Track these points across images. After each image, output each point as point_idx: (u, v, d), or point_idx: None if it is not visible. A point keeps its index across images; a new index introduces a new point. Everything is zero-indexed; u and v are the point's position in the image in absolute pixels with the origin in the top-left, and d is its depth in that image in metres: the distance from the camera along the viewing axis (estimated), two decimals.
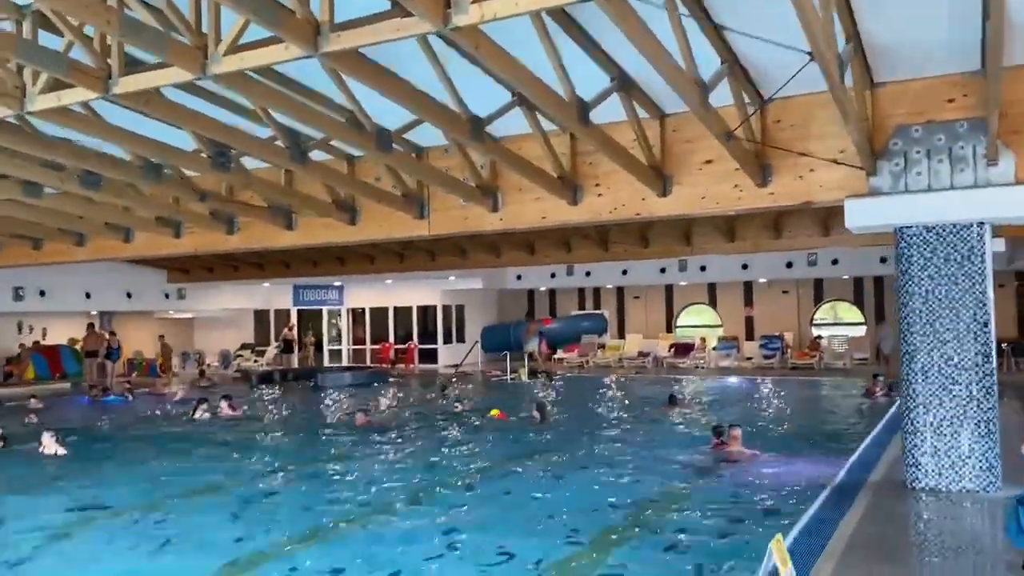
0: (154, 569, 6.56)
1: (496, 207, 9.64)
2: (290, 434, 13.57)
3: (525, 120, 8.06)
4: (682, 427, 13.54)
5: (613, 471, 9.84)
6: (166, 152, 8.33)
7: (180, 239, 11.47)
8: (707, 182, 8.62)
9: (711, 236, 19.53)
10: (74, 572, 6.40)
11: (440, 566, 6.44)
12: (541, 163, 8.89)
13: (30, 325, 25.86)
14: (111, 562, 6.71)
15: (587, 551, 6.74)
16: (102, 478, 10.08)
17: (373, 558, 6.59)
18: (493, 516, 7.89)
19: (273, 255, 23.02)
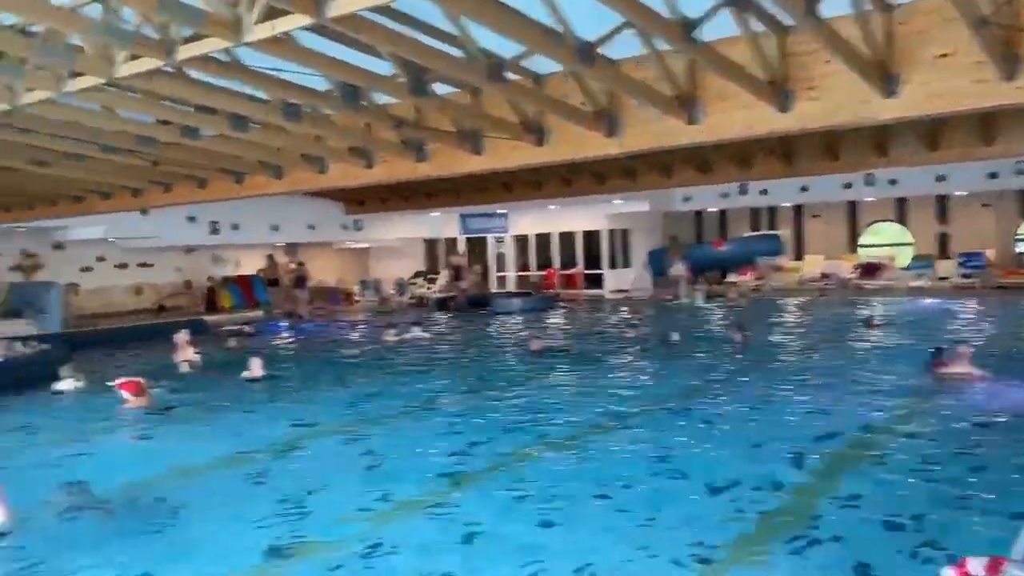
0: (379, 478, 6.80)
1: (695, 119, 9.05)
2: (476, 358, 13.83)
3: (731, 21, 7.41)
4: (888, 349, 12.68)
5: (825, 394, 9.31)
6: (365, 78, 8.35)
7: (372, 169, 11.66)
8: (942, 78, 7.67)
9: (911, 145, 17.84)
10: (305, 484, 6.70)
11: (655, 489, 6.25)
12: (747, 69, 8.21)
13: (224, 257, 27.78)
14: (337, 475, 7.01)
15: (816, 479, 6.38)
16: (313, 398, 10.62)
17: (599, 476, 6.52)
18: (705, 442, 7.63)
19: (443, 184, 23.31)
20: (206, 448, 8.16)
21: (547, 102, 9.53)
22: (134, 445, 8.67)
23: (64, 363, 13.18)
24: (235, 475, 7.17)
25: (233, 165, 12.62)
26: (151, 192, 14.55)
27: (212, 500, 6.45)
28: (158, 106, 9.57)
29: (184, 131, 10.37)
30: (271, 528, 5.70)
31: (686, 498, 6.00)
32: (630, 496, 6.06)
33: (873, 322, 14.99)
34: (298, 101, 9.27)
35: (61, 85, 8.13)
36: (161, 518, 5.99)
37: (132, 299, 25.17)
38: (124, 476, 7.04)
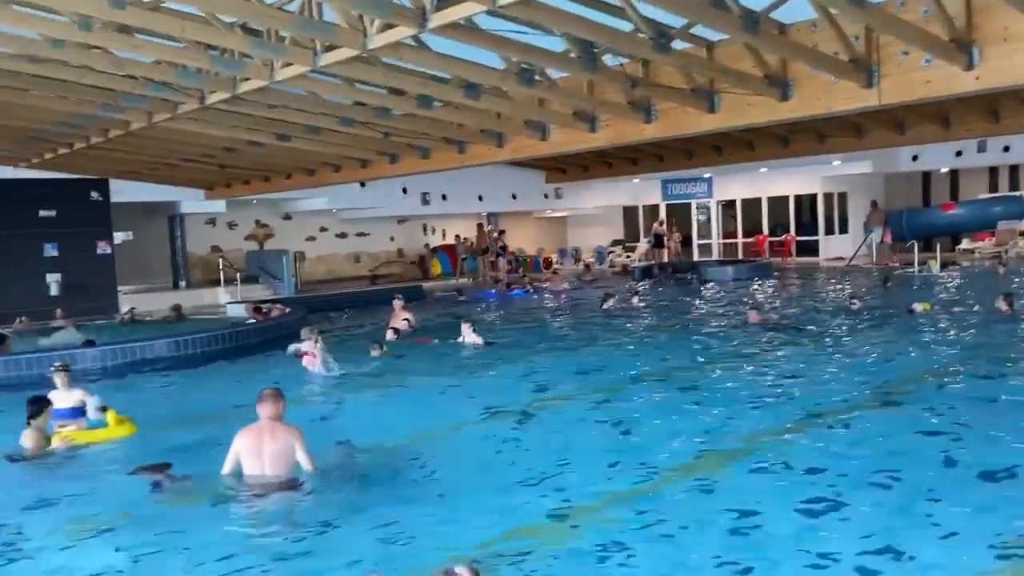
0: (632, 449, 6.59)
1: (971, 64, 8.01)
2: (694, 328, 13.33)
3: None
4: None
5: None
6: (607, 35, 8.05)
7: (595, 133, 11.43)
8: None
9: None
10: (558, 450, 6.61)
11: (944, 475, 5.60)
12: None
13: (432, 227, 28.81)
14: (587, 443, 6.87)
15: None
16: (537, 366, 10.56)
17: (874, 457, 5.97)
18: (990, 421, 6.81)
19: (648, 148, 22.71)
20: (443, 411, 8.32)
21: (794, 50, 8.81)
22: (374, 407, 8.89)
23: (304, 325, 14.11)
24: (483, 438, 7.21)
25: (457, 134, 12.80)
26: (377, 163, 15.14)
27: (465, 463, 6.50)
28: (396, 77, 9.77)
29: (419, 101, 10.57)
30: (535, 490, 5.64)
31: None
32: (918, 478, 5.48)
33: None
34: (531, 64, 9.17)
35: (316, 60, 8.46)
36: (423, 479, 6.09)
37: (351, 266, 26.70)
38: (373, 437, 7.21)
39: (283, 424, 5.63)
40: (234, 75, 9.67)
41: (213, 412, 8.40)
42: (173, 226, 21.93)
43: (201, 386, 10.37)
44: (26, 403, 7.13)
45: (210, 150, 14.96)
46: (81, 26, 7.89)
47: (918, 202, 27.87)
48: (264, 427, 5.51)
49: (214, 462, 5.90)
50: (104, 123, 12.80)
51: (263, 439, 5.46)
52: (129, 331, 15.50)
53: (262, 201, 22.91)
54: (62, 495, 5.97)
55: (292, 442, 5.56)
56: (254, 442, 5.45)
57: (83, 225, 18.78)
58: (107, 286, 18.89)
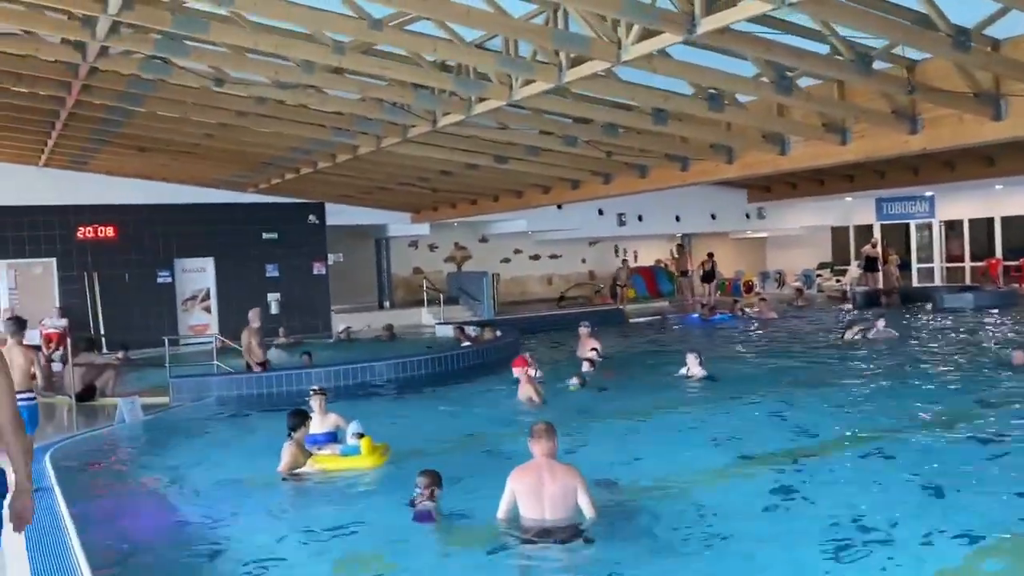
0: (945, 510, 5.59)
1: None
2: (954, 366, 11.78)
3: None
4: None
5: None
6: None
7: (846, 145, 10.38)
8: None
9: None
10: (854, 504, 5.74)
11: None
12: None
13: (624, 248, 28.18)
14: (890, 495, 5.94)
15: None
16: (781, 405, 9.54)
17: None
18: None
19: (867, 165, 20.98)
20: (691, 452, 7.58)
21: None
22: (611, 442, 8.19)
23: (517, 349, 13.88)
24: (756, 487, 6.43)
25: (680, 150, 12.10)
26: (590, 183, 14.75)
27: (747, 512, 5.77)
28: (631, 90, 9.24)
29: (654, 116, 10.01)
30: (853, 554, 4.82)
31: None
32: None
33: None
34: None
35: (561, 76, 8.08)
36: (709, 531, 5.41)
37: (543, 288, 26.54)
38: (627, 477, 6.63)
39: (561, 463, 5.15)
40: (471, 95, 9.53)
41: (457, 439, 8.18)
42: (380, 248, 22.62)
43: (433, 410, 10.21)
44: (287, 416, 7.14)
45: (427, 173, 15.13)
46: (335, 49, 7.96)
47: None
48: (543, 466, 5.03)
49: (477, 496, 5.52)
50: (334, 148, 13.17)
51: (543, 480, 4.98)
52: (347, 349, 15.95)
53: (462, 224, 23.21)
54: (322, 524, 5.81)
55: (574, 484, 5.06)
56: (533, 483, 4.98)
57: (301, 247, 19.68)
58: (322, 306, 19.66)
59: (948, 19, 6.91)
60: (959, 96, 8.51)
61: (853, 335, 13.73)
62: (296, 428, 7.01)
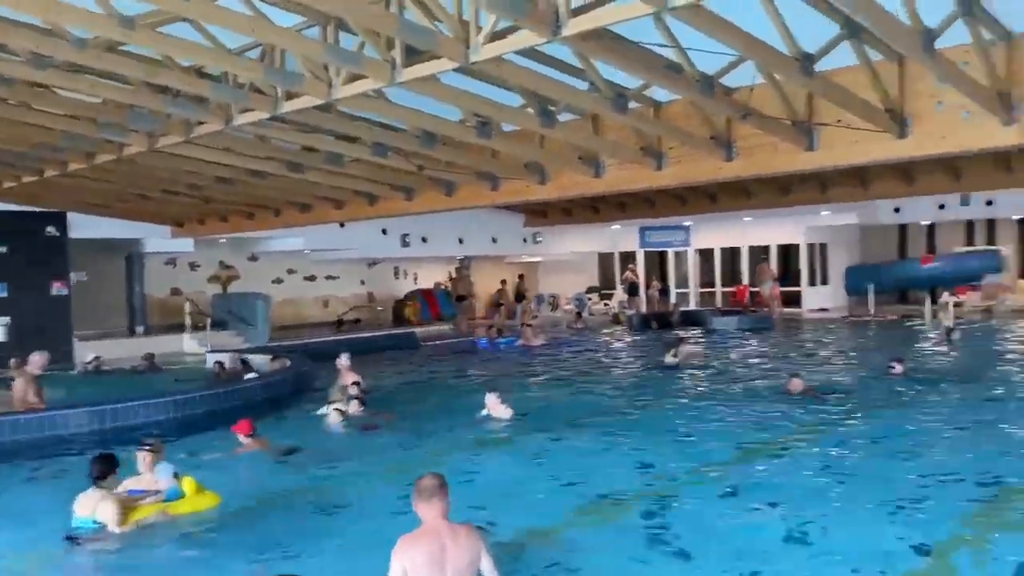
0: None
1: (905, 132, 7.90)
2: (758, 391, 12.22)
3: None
4: None
5: None
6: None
7: (662, 170, 10.46)
8: None
9: None
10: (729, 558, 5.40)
11: None
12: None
13: (404, 270, 27.37)
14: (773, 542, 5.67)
15: None
16: (609, 440, 9.14)
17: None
18: None
19: (639, 194, 22.02)
20: (544, 495, 6.95)
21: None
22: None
23: (312, 379, 12.60)
24: (625, 518, 5.93)
25: (491, 167, 11.69)
26: (391, 200, 13.89)
27: (618, 559, 5.22)
28: (461, 99, 8.62)
29: (479, 129, 9.44)
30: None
31: None
32: None
33: None
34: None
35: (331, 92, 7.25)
36: None
37: (320, 311, 24.97)
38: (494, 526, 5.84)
39: (460, 524, 4.22)
40: (235, 105, 8.69)
41: (272, 494, 6.90)
42: (131, 266, 19.92)
43: (232, 458, 8.63)
44: (92, 462, 5.86)
45: (201, 180, 13.38)
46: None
47: (894, 254, 27.87)
48: (442, 531, 4.05)
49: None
50: (94, 146, 11.16)
51: (445, 548, 3.99)
52: (97, 383, 13.66)
53: (230, 240, 21.14)
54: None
55: (478, 547, 4.14)
56: (433, 554, 3.96)
57: (37, 263, 16.75)
58: (63, 331, 16.80)
59: (695, 66, 7.53)
60: (778, 124, 8.79)
61: (671, 358, 13.97)
62: (104, 476, 5.71)
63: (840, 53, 7.48)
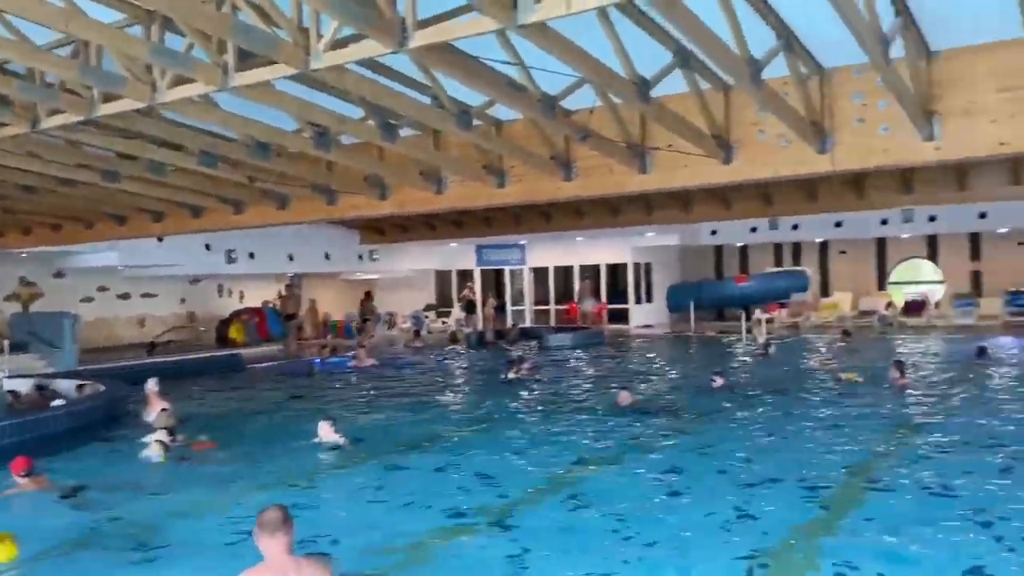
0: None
1: (729, 158, 8.68)
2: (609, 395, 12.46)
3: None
4: None
5: None
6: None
7: (504, 188, 10.49)
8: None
9: (939, 183, 17.40)
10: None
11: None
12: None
13: (229, 288, 26.03)
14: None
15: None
16: (463, 458, 9.10)
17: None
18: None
19: (474, 213, 22.22)
20: (394, 517, 6.74)
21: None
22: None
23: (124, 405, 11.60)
24: (484, 537, 5.80)
25: (328, 181, 11.33)
26: (218, 212, 13.11)
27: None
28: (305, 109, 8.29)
29: (316, 140, 9.09)
30: None
31: None
32: None
33: (987, 354, 14.56)
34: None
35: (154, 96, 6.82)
36: None
37: (135, 331, 23.22)
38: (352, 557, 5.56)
39: (306, 557, 3.91)
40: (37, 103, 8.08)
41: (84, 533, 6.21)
42: None
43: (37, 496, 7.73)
44: None
45: (3, 188, 12.07)
46: None
47: (711, 274, 29.65)
48: (287, 566, 3.72)
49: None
50: None
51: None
52: None
53: (31, 255, 19.26)
54: None
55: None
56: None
57: None
58: None
59: (539, 88, 7.67)
60: (614, 147, 9.05)
61: (512, 374, 14.01)
62: None
63: (672, 80, 7.82)
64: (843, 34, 6.22)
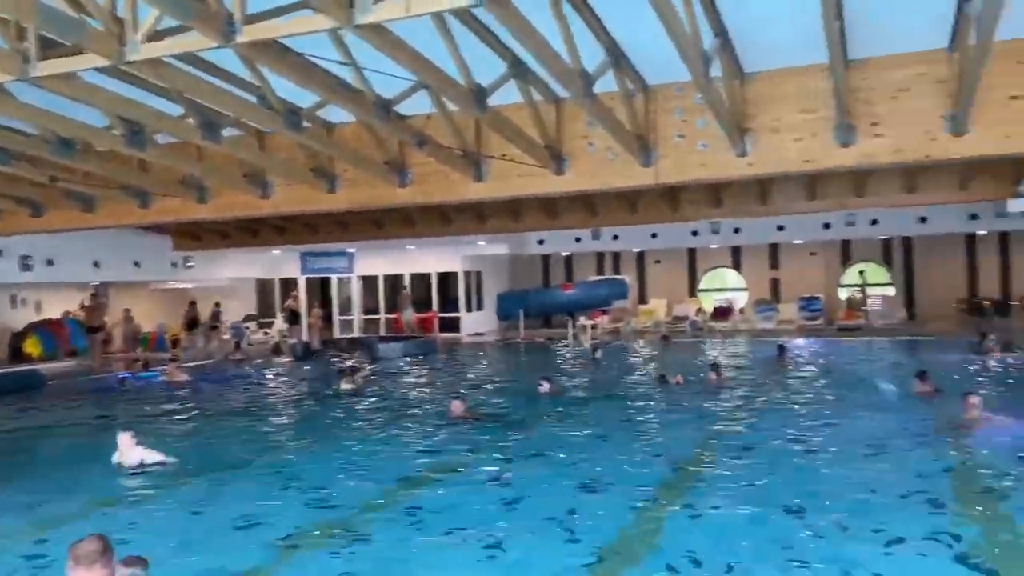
0: None
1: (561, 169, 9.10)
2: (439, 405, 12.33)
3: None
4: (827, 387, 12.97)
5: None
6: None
7: (335, 193, 10.15)
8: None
9: (743, 197, 19.00)
10: None
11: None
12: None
13: (23, 298, 23.67)
14: None
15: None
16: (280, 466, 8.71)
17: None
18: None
19: (298, 219, 21.52)
20: (223, 540, 6.31)
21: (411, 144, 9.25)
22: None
23: None
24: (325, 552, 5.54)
25: (141, 182, 10.57)
26: (12, 215, 11.88)
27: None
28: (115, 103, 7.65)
29: (129, 137, 8.40)
30: None
31: None
32: None
33: (786, 353, 15.67)
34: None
35: None
36: None
37: None
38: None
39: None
40: None
41: None
42: None
43: None
44: None
45: None
46: None
47: (539, 282, 30.41)
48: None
49: None
50: None
51: None
52: None
53: None
54: None
55: None
56: None
57: None
58: None
59: (374, 91, 7.70)
60: (450, 154, 9.05)
61: (346, 385, 13.57)
62: None
63: (507, 91, 7.92)
64: (666, 53, 6.53)
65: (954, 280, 25.59)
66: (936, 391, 11.25)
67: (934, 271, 25.95)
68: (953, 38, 7.71)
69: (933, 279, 25.88)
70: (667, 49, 6.32)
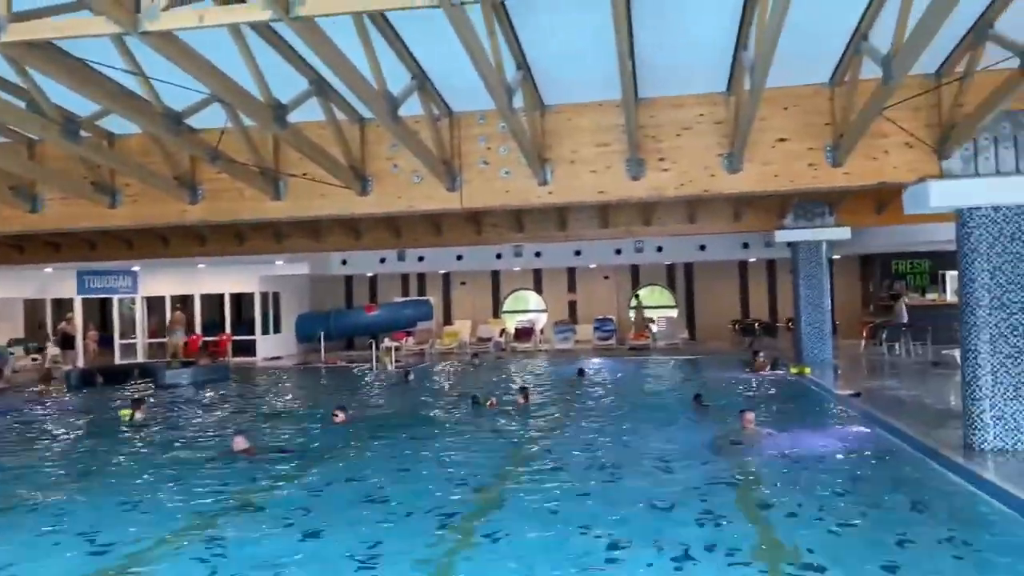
0: None
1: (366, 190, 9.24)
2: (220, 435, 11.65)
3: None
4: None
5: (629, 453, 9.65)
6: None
7: (116, 209, 9.27)
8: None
9: (544, 223, 19.96)
10: None
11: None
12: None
13: None
14: None
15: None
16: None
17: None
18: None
19: (75, 235, 19.73)
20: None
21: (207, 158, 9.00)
22: None
23: None
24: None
25: None
26: None
27: None
28: None
29: None
30: None
31: None
32: None
33: (585, 374, 16.38)
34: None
35: None
36: None
37: None
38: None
39: None
40: None
41: None
42: None
43: None
44: None
45: None
46: None
47: (342, 303, 29.78)
48: None
49: None
50: None
51: None
52: None
53: None
54: None
55: None
56: None
57: None
58: None
59: (163, 102, 7.36)
60: (247, 171, 8.64)
61: (137, 416, 12.47)
62: None
63: (308, 108, 7.69)
64: (471, 81, 6.62)
65: (729, 303, 27.91)
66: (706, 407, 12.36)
67: (712, 295, 28.17)
68: (730, 83, 8.44)
69: (711, 302, 28.09)
70: (472, 77, 6.40)
